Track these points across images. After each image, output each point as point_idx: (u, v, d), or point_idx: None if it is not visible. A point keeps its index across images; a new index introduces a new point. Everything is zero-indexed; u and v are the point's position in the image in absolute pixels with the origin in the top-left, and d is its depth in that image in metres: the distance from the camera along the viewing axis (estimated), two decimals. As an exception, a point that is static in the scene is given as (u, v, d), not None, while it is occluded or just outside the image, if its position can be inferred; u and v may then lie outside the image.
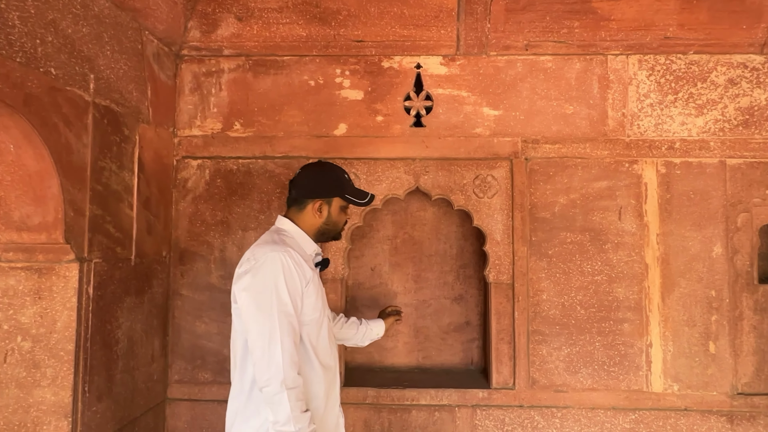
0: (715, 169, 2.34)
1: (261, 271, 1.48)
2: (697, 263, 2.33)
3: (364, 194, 1.74)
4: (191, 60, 2.46)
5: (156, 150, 2.27)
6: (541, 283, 2.35)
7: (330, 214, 1.69)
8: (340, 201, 1.69)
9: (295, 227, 1.66)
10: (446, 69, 2.42)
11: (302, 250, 1.64)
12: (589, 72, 2.39)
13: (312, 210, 1.66)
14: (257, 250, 1.54)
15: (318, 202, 1.65)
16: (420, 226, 2.68)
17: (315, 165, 1.70)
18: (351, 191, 1.71)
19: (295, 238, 1.64)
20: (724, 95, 2.37)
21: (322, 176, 1.67)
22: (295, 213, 1.67)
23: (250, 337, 1.48)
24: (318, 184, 1.66)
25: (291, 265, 1.50)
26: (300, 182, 1.66)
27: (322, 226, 1.70)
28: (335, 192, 1.67)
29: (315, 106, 2.43)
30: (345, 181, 1.69)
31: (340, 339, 2.03)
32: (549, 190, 2.37)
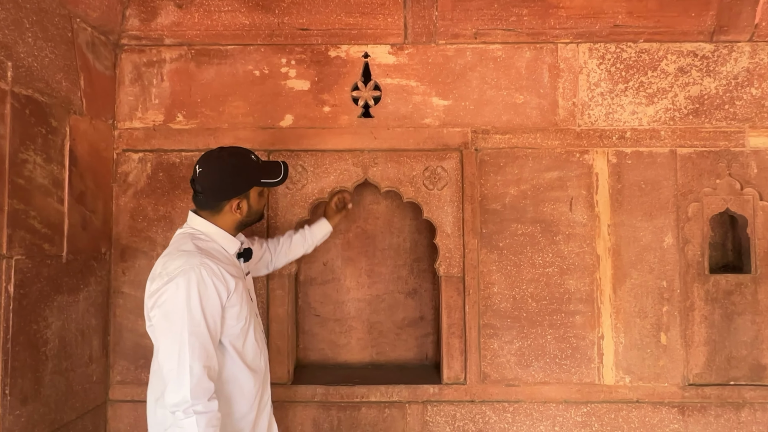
0: (665, 159, 2.32)
1: (172, 289, 1.40)
2: (648, 254, 2.30)
3: (277, 169, 1.66)
4: (131, 50, 2.37)
5: (92, 142, 2.18)
6: (492, 275, 2.31)
7: (250, 206, 1.63)
8: (257, 189, 1.62)
9: (212, 227, 1.58)
10: (394, 58, 2.36)
11: (222, 253, 1.57)
12: (540, 61, 2.35)
13: (230, 210, 1.58)
14: (169, 263, 1.45)
15: (236, 201, 1.57)
16: (373, 220, 2.63)
17: (217, 160, 1.57)
18: (265, 173, 1.62)
19: (214, 239, 1.57)
20: (674, 84, 2.34)
21: (232, 172, 1.56)
22: (210, 215, 1.59)
23: (160, 357, 1.41)
24: (230, 183, 1.56)
25: (207, 281, 1.42)
26: (207, 185, 1.55)
27: (244, 219, 1.64)
28: (250, 183, 1.60)
29: (260, 97, 2.36)
30: (256, 166, 1.61)
31: (291, 258, 2.08)
32: (500, 181, 2.33)
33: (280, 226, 2.31)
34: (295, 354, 2.55)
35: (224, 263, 1.52)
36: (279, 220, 2.31)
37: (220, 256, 1.55)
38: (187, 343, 1.37)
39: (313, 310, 2.61)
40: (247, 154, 1.62)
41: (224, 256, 1.57)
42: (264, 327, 2.25)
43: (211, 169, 1.56)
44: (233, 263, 1.60)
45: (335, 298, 2.61)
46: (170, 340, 1.40)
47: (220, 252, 1.56)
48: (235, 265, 1.61)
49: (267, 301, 2.29)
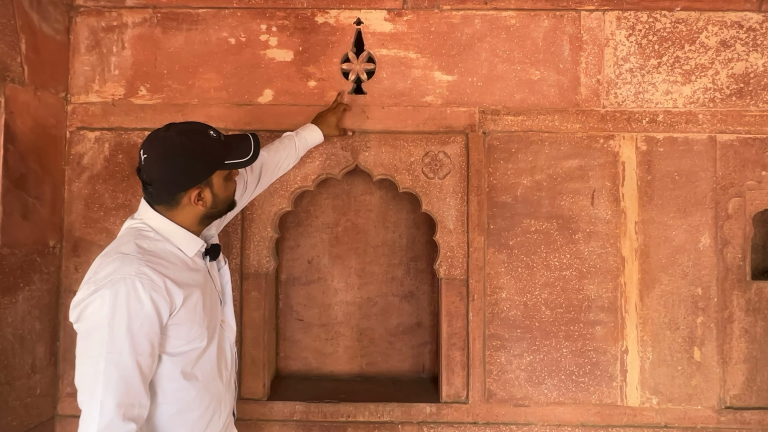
0: (703, 146, 2.00)
1: (96, 303, 1.11)
2: (681, 256, 1.99)
3: (244, 144, 1.35)
4: (88, 12, 2.05)
5: (37, 118, 1.87)
6: (501, 278, 2.00)
7: (215, 194, 1.33)
8: (221, 173, 1.31)
9: (167, 224, 1.28)
10: (391, 26, 2.04)
11: (177, 256, 1.27)
12: (559, 31, 2.03)
13: (190, 202, 1.28)
14: (101, 268, 1.16)
15: (195, 192, 1.27)
16: (365, 212, 2.31)
17: (164, 142, 1.24)
18: (229, 152, 1.31)
19: (167, 239, 1.27)
20: (715, 60, 2.02)
21: (185, 155, 1.24)
22: (165, 210, 1.28)
23: (75, 382, 1.12)
24: (185, 170, 1.25)
25: (142, 296, 1.13)
26: (156, 174, 1.24)
27: (209, 212, 1.34)
28: (212, 167, 1.29)
29: (236, 69, 2.04)
30: (216, 144, 1.29)
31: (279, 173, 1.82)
32: (511, 169, 2.01)
33: (256, 219, 2.00)
34: (274, 364, 2.25)
35: (175, 270, 1.23)
36: (255, 212, 2.00)
37: (172, 259, 1.26)
38: (102, 374, 1.08)
39: (296, 314, 2.30)
40: (204, 130, 1.30)
41: (178, 259, 1.28)
42: (237, 333, 1.96)
43: (158, 154, 1.24)
44: (191, 267, 1.30)
45: (321, 300, 2.30)
46: (85, 366, 1.11)
47: (173, 254, 1.27)
48: (194, 268, 1.31)
49: (240, 304, 1.99)
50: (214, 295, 1.38)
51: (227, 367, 1.40)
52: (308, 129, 1.85)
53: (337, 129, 1.93)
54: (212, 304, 1.35)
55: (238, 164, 1.34)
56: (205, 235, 1.41)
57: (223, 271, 1.47)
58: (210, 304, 1.33)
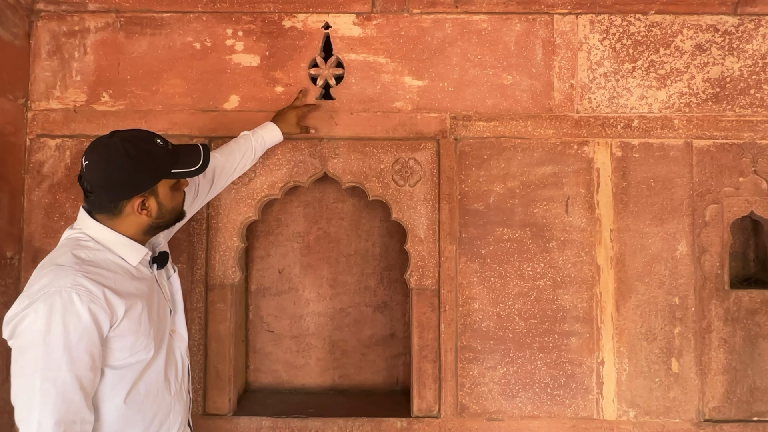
0: (679, 152, 1.96)
1: (30, 317, 1.06)
2: (658, 265, 1.94)
3: (193, 154, 1.31)
4: (49, 17, 2.00)
5: (-7, 125, 1.82)
6: (473, 288, 1.94)
7: (161, 204, 1.27)
8: (167, 182, 1.27)
9: (107, 233, 1.22)
10: (360, 30, 1.99)
11: (119, 265, 1.21)
12: (532, 35, 1.99)
13: (133, 211, 1.23)
14: (35, 282, 1.11)
15: (138, 201, 1.22)
16: (337, 221, 2.26)
17: (107, 148, 1.20)
18: (176, 161, 1.26)
19: (108, 248, 1.22)
20: (690, 64, 1.98)
21: (129, 162, 1.19)
22: (107, 219, 1.23)
23: (12, 400, 1.06)
24: (128, 177, 1.20)
25: (79, 308, 1.08)
26: (98, 182, 1.19)
27: (154, 222, 1.28)
28: (157, 176, 1.24)
29: (201, 74, 1.99)
30: (163, 153, 1.25)
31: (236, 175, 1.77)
32: (483, 176, 1.96)
33: (222, 228, 1.94)
34: (243, 377, 2.18)
35: (116, 279, 1.19)
36: (221, 221, 1.94)
37: (114, 268, 1.21)
38: (38, 392, 1.03)
39: (266, 326, 2.24)
40: (149, 137, 1.26)
41: (120, 269, 1.22)
42: (201, 346, 1.90)
43: (100, 160, 1.19)
44: (135, 276, 1.25)
45: (292, 311, 2.24)
46: (21, 383, 1.06)
47: (115, 264, 1.22)
48: (139, 277, 1.26)
49: (205, 316, 1.93)
50: (163, 304, 1.34)
51: (177, 378, 1.35)
52: (266, 128, 1.79)
53: (298, 127, 1.86)
54: (160, 313, 1.31)
55: (185, 173, 1.29)
56: (153, 243, 1.36)
57: (172, 279, 1.42)
58: (158, 314, 1.29)
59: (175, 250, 1.93)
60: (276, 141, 1.82)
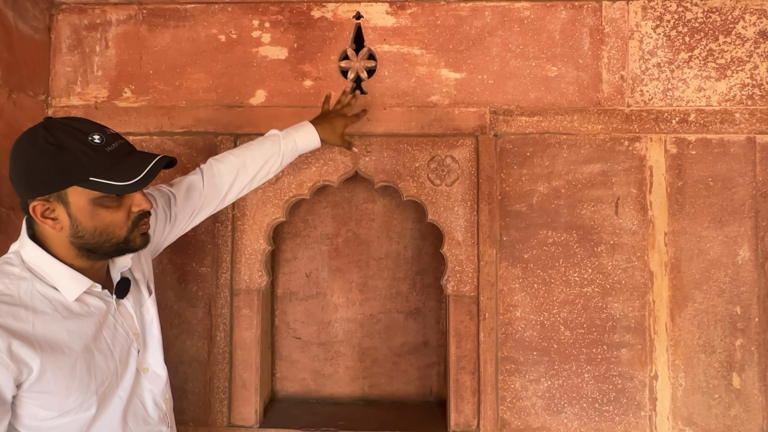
0: (741, 149, 1.80)
1: None
2: (717, 271, 1.78)
3: (138, 166, 1.01)
4: (70, 9, 1.92)
5: (12, 122, 1.74)
6: (515, 296, 1.81)
7: (74, 218, 0.99)
8: (84, 192, 0.98)
9: (43, 256, 1.01)
10: (394, 19, 1.87)
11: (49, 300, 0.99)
12: (578, 23, 1.84)
13: (36, 218, 0.99)
14: None
15: (38, 205, 0.97)
16: (367, 222, 2.14)
17: (27, 133, 0.99)
18: (103, 168, 0.97)
19: (38, 276, 1.00)
20: (753, 52, 1.82)
21: (35, 153, 0.95)
22: (34, 226, 1.04)
23: None
24: (27, 172, 0.96)
25: None
26: (9, 170, 1.00)
27: (74, 241, 1.01)
28: (65, 179, 0.96)
29: (226, 68, 1.89)
30: (89, 152, 0.96)
31: (258, 182, 1.53)
32: (525, 175, 1.83)
33: (248, 230, 1.84)
34: (269, 386, 2.08)
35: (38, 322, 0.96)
36: (247, 222, 1.85)
37: (40, 305, 0.97)
38: None
39: (293, 332, 2.14)
40: (85, 130, 0.98)
41: (50, 305, 0.99)
42: (227, 354, 1.80)
43: (14, 145, 0.99)
44: (72, 313, 1.02)
45: (320, 317, 2.14)
46: None
47: (43, 298, 0.98)
48: (78, 314, 1.03)
49: (231, 323, 1.83)
50: (123, 341, 1.10)
51: (147, 427, 1.13)
52: (302, 129, 1.55)
53: (342, 138, 1.64)
54: (116, 355, 1.08)
55: (109, 186, 0.98)
56: (118, 265, 1.15)
57: (145, 309, 1.20)
58: (110, 357, 1.06)
59: (199, 252, 1.84)
60: (311, 147, 1.58)
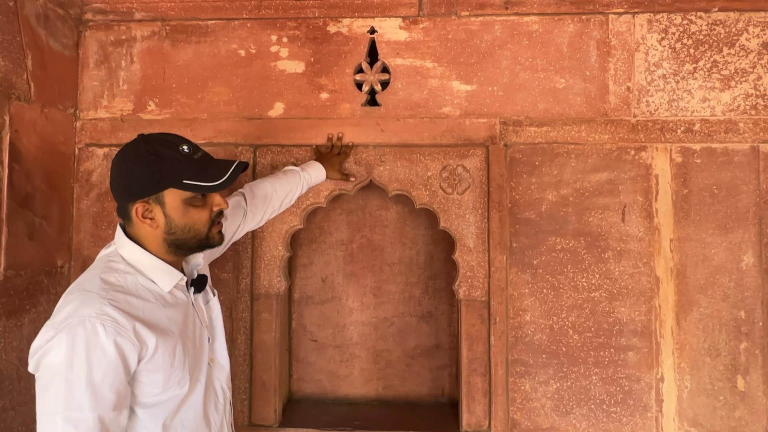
0: (745, 157, 1.85)
1: (54, 350, 0.98)
2: (721, 276, 1.84)
3: (219, 169, 1.16)
4: (96, 26, 2.01)
5: (44, 135, 1.83)
6: (524, 300, 1.88)
7: (168, 217, 1.13)
8: (178, 193, 1.13)
9: (141, 253, 1.15)
10: (407, 34, 1.94)
11: (151, 291, 1.14)
12: (585, 36, 1.91)
13: (137, 218, 1.13)
14: (60, 310, 1.03)
15: (140, 206, 1.12)
16: (380, 228, 2.22)
17: (126, 147, 1.14)
18: (194, 172, 1.13)
19: (139, 271, 1.14)
20: (757, 63, 1.87)
21: (138, 162, 1.10)
22: (127, 227, 1.17)
23: None
24: (132, 177, 1.10)
25: (104, 341, 1.00)
26: (112, 182, 1.15)
27: (166, 237, 1.16)
28: (163, 182, 1.11)
29: (245, 82, 1.97)
30: (182, 159, 1.12)
31: (284, 207, 1.74)
32: (534, 184, 1.89)
33: (267, 237, 1.92)
34: (287, 387, 2.16)
35: (147, 308, 1.10)
36: (266, 230, 1.92)
37: (145, 295, 1.12)
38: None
39: (310, 335, 2.21)
40: (174, 141, 1.15)
41: (152, 295, 1.14)
42: (247, 356, 1.88)
43: (117, 158, 1.14)
44: (168, 303, 1.16)
45: (335, 320, 2.21)
46: (43, 423, 0.98)
47: (146, 289, 1.13)
48: (173, 304, 1.18)
49: (251, 326, 1.91)
50: (200, 332, 1.24)
51: (218, 412, 1.26)
52: (314, 167, 1.78)
53: (341, 173, 1.87)
54: (197, 343, 1.22)
55: (198, 187, 1.13)
56: (192, 264, 1.29)
57: (212, 304, 1.33)
58: (194, 344, 1.20)
59: (221, 259, 1.92)
60: (320, 181, 1.82)
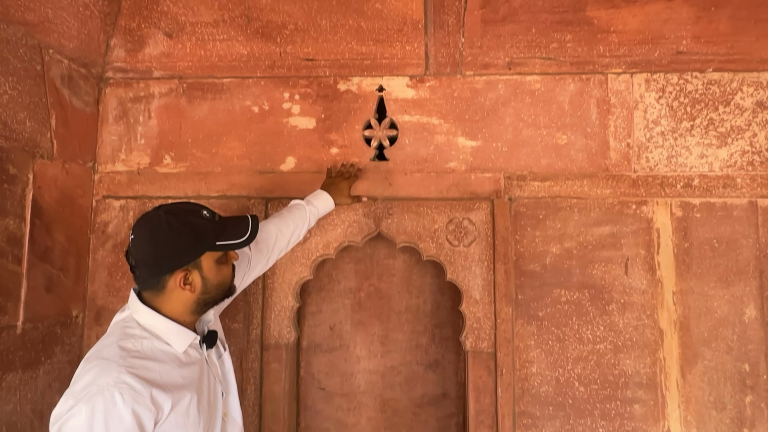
0: (743, 212, 1.90)
1: (73, 419, 1.02)
2: (724, 329, 1.87)
3: (241, 225, 1.28)
4: (117, 84, 2.10)
5: (64, 190, 1.90)
6: (531, 352, 1.90)
7: (205, 278, 1.23)
8: (212, 255, 1.23)
9: (156, 318, 1.19)
10: (414, 92, 2.03)
11: (166, 353, 1.18)
12: (586, 94, 1.98)
13: (176, 286, 1.20)
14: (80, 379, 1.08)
15: (181, 275, 1.19)
16: (388, 277, 2.26)
17: (151, 221, 1.20)
18: (222, 233, 1.23)
19: (155, 335, 1.19)
20: (752, 121, 1.94)
21: (172, 234, 1.16)
22: (153, 296, 1.21)
23: None
24: (171, 250, 1.17)
25: (122, 409, 1.04)
26: (140, 256, 1.18)
27: (200, 298, 1.24)
28: (201, 248, 1.20)
29: (259, 137, 2.05)
30: (208, 224, 1.22)
31: (293, 244, 1.74)
32: (539, 237, 1.94)
33: (277, 288, 1.97)
34: (294, 435, 2.17)
35: (163, 371, 1.15)
36: (276, 281, 1.97)
37: (161, 357, 1.17)
38: None
39: (318, 383, 2.23)
40: (195, 209, 1.24)
41: (168, 357, 1.18)
42: (257, 407, 1.90)
43: (144, 233, 1.18)
44: (183, 363, 1.21)
45: (343, 368, 2.24)
46: None
47: (162, 352, 1.18)
48: (187, 363, 1.22)
49: (260, 377, 1.93)
50: (214, 387, 1.29)
51: None
52: (319, 197, 1.78)
53: (348, 198, 1.87)
54: (211, 399, 1.26)
55: (231, 245, 1.25)
56: (203, 321, 1.34)
57: (224, 358, 1.38)
58: (208, 400, 1.25)
59: (232, 309, 1.96)
60: (328, 210, 1.81)
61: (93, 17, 1.89)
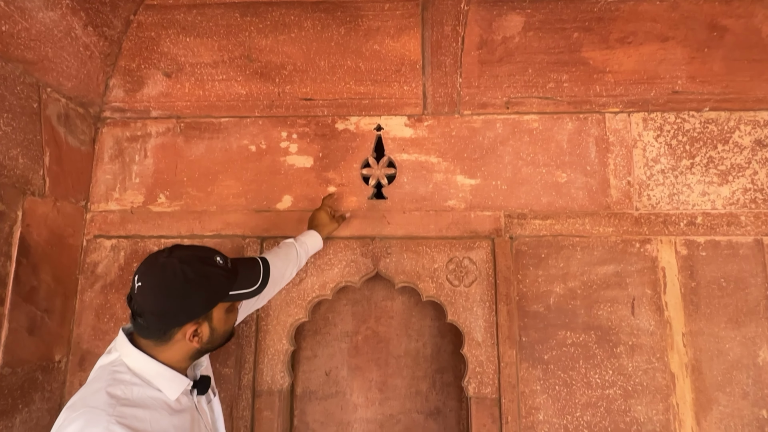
0: (750, 250, 1.86)
1: None
2: (738, 372, 1.79)
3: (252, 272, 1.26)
4: (114, 123, 2.09)
5: (53, 228, 1.85)
6: (537, 398, 1.81)
7: (213, 329, 1.20)
8: (223, 305, 1.21)
9: (148, 364, 1.13)
10: (412, 131, 2.02)
11: (157, 400, 1.12)
12: (584, 133, 1.98)
13: (184, 339, 1.15)
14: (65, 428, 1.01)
15: (191, 328, 1.14)
16: (386, 320, 2.18)
17: (164, 269, 1.12)
18: (235, 282, 1.20)
19: (147, 381, 1.12)
20: (752, 159, 1.93)
21: (186, 287, 1.11)
22: (153, 345, 1.15)
23: None
24: (185, 303, 1.12)
25: None
26: (149, 306, 1.11)
27: (203, 347, 1.20)
28: (214, 300, 1.17)
29: (255, 175, 2.02)
30: (222, 273, 1.18)
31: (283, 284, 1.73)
32: (541, 276, 1.89)
33: (271, 330, 1.89)
34: (286, 491, 2.03)
35: (153, 419, 1.08)
36: (270, 323, 1.89)
37: (152, 404, 1.10)
38: None
39: (312, 433, 2.11)
40: (210, 257, 1.19)
41: (159, 404, 1.12)
42: (246, 459, 1.78)
43: (155, 283, 1.11)
44: (174, 410, 1.15)
45: (339, 417, 2.12)
46: None
47: (153, 399, 1.11)
48: (178, 410, 1.16)
49: (251, 426, 1.82)
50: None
51: None
52: (309, 235, 1.77)
53: (334, 222, 1.84)
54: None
55: (244, 295, 1.24)
56: (196, 365, 1.29)
57: (213, 404, 1.32)
58: None
59: (223, 353, 1.87)
60: (319, 247, 1.80)
61: (93, 57, 1.90)
